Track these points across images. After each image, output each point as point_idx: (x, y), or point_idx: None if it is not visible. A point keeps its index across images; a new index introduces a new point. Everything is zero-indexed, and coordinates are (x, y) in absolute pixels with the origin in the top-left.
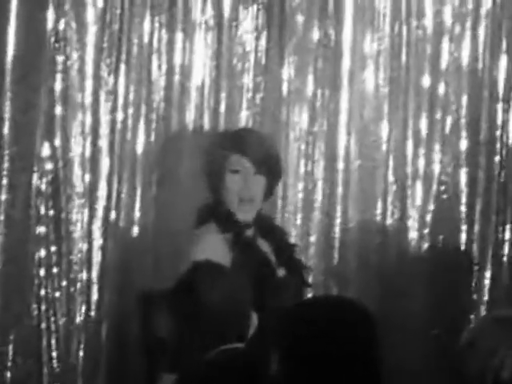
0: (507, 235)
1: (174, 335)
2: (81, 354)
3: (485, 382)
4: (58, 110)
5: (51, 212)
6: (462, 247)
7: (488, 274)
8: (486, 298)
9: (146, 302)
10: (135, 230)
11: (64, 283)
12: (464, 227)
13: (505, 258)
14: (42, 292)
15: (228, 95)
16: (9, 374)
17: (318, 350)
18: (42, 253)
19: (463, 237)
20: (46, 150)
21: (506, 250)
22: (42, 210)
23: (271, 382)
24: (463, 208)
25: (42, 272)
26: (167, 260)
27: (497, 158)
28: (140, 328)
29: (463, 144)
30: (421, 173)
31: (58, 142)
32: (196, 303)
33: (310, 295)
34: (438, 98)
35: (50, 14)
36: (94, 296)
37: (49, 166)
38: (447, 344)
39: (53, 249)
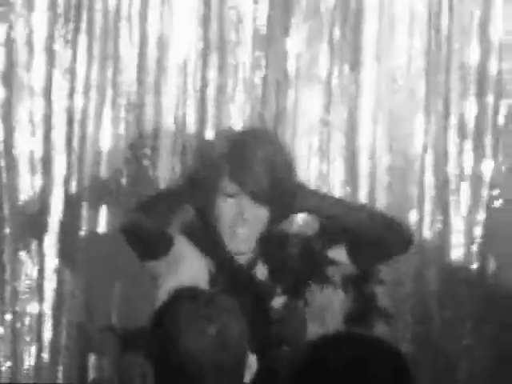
0: None
1: (151, 382)
2: None
3: None
4: (0, 92)
5: None
6: None
7: None
8: None
9: (116, 344)
10: (100, 249)
11: (8, 317)
12: None
13: None
14: None
15: (218, 75)
16: None
17: None
18: None
19: None
20: None
21: None
22: None
23: None
24: None
25: None
26: (140, 289)
27: None
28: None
29: None
30: (467, 173)
31: None
32: (175, 343)
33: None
34: (489, 77)
35: None
36: (47, 333)
37: None
38: None
39: None
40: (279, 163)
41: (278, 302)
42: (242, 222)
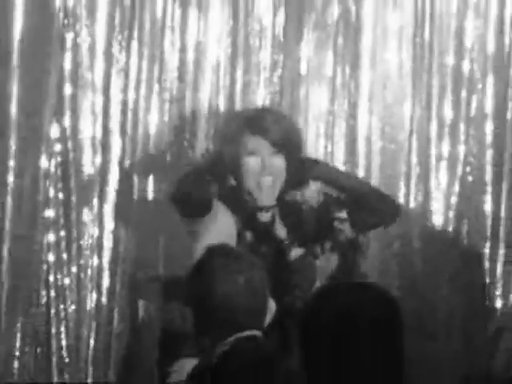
0: None
1: (190, 323)
2: (92, 342)
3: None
4: (68, 89)
5: (60, 195)
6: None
7: None
8: None
9: (161, 289)
10: (149, 213)
11: (74, 269)
12: (490, 210)
13: None
14: (51, 278)
15: (244, 74)
16: (16, 364)
17: (340, 338)
18: (51, 238)
19: (489, 220)
20: (54, 131)
21: None
22: (51, 193)
23: (288, 373)
24: (489, 190)
25: (51, 257)
26: (182, 245)
27: None
28: (155, 315)
29: (489, 124)
30: (445, 154)
31: (67, 122)
32: (211, 291)
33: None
34: (463, 76)
35: None
36: (105, 282)
37: (58, 147)
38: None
39: (62, 233)
40: (287, 118)
41: (294, 253)
42: (264, 172)
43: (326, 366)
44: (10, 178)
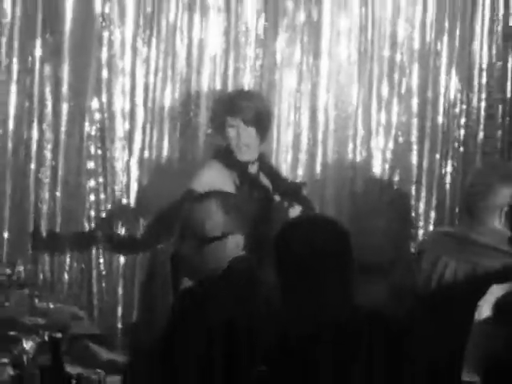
0: (449, 169)
1: (191, 248)
2: (122, 260)
3: (431, 283)
4: (104, 73)
5: (99, 151)
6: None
7: (434, 200)
8: (432, 217)
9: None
10: (164, 166)
11: (109, 207)
12: (415, 163)
13: (447, 187)
14: (92, 213)
15: (235, 63)
16: (66, 276)
17: (307, 259)
18: (92, 183)
19: (415, 170)
20: (95, 104)
21: (448, 180)
22: (92, 150)
23: (267, 285)
24: (415, 148)
25: (92, 198)
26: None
27: (440, 110)
28: (170, 244)
29: (414, 100)
30: (382, 122)
31: (104, 98)
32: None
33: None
34: (396, 65)
35: (98, 0)
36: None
37: (97, 116)
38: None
39: (100, 180)
40: (260, 100)
41: (276, 198)
42: (240, 140)
43: (296, 280)
44: (62, 139)
